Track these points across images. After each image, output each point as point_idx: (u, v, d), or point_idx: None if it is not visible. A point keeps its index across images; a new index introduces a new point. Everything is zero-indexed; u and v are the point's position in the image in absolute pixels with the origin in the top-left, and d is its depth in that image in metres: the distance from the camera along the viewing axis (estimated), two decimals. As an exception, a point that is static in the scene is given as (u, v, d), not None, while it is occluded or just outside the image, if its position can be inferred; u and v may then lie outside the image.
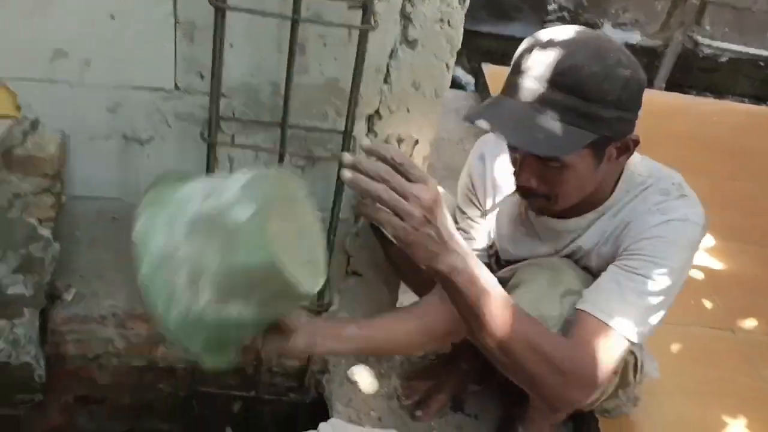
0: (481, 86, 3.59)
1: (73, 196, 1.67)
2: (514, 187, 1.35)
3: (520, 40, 1.22)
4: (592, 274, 1.37)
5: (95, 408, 2.05)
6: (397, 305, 2.03)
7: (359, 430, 1.06)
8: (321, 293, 1.79)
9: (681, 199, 1.29)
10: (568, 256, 1.43)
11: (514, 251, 1.52)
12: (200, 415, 2.06)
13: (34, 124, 1.51)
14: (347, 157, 0.88)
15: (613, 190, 1.34)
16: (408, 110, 1.67)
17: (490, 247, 1.61)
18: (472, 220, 1.58)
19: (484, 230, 1.58)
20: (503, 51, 3.97)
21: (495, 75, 3.45)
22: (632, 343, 1.22)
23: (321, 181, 1.74)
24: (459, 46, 1.60)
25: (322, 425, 1.05)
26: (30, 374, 1.78)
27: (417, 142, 1.72)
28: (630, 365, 1.45)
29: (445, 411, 1.86)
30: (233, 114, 1.60)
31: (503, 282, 1.20)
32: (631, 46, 4.57)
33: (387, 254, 1.76)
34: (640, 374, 1.51)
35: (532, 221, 1.46)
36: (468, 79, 4.51)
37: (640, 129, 1.22)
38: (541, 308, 1.29)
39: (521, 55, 1.19)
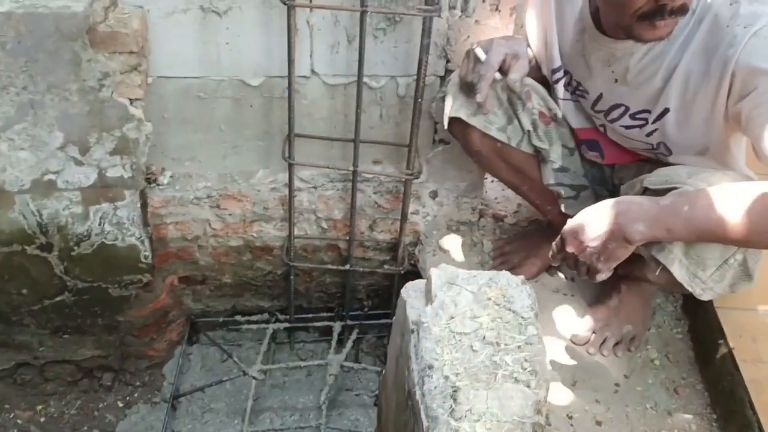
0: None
1: (158, 77, 1.67)
2: None
3: None
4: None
5: (198, 288, 2.14)
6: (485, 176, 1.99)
7: (469, 273, 1.05)
8: (409, 162, 1.76)
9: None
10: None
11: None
12: (297, 291, 2.12)
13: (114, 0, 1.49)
14: None
15: None
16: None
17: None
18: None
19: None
20: None
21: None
22: None
23: (404, 44, 1.67)
24: None
25: (433, 270, 1.04)
26: (137, 255, 1.86)
27: (504, -8, 1.62)
28: None
29: (541, 275, 1.84)
30: (310, -24, 1.54)
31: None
32: None
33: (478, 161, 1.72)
34: None
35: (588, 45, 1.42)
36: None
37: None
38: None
39: None
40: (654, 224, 1.21)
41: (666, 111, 1.38)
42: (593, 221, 1.26)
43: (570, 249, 1.29)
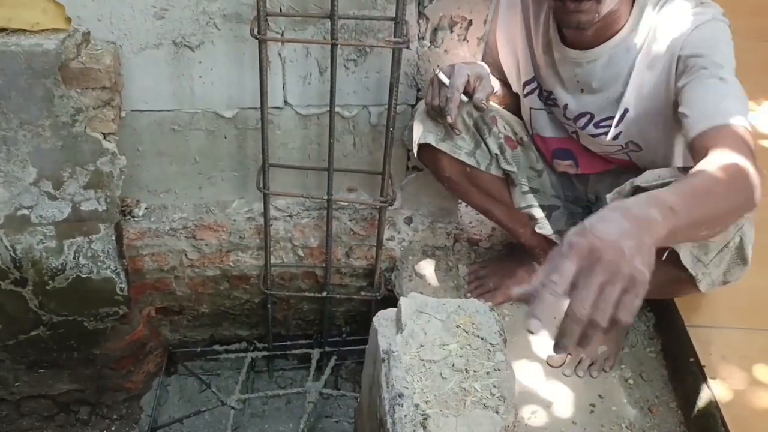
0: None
1: (131, 110, 1.68)
2: None
3: None
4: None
5: (176, 318, 2.13)
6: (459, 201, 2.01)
7: (438, 301, 1.07)
8: (383, 189, 1.78)
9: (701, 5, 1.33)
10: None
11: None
12: (275, 319, 2.12)
13: (86, 36, 1.50)
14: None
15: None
16: (458, -11, 1.60)
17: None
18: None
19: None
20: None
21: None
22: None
23: (375, 74, 1.70)
24: None
25: (402, 299, 1.06)
26: (112, 287, 1.85)
27: (470, 23, 1.65)
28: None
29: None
30: (281, 9, 1.56)
31: None
32: None
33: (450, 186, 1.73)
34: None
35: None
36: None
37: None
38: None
39: None
40: (660, 205, 0.95)
41: (626, 112, 1.45)
42: (608, 220, 0.90)
43: (585, 262, 0.85)
